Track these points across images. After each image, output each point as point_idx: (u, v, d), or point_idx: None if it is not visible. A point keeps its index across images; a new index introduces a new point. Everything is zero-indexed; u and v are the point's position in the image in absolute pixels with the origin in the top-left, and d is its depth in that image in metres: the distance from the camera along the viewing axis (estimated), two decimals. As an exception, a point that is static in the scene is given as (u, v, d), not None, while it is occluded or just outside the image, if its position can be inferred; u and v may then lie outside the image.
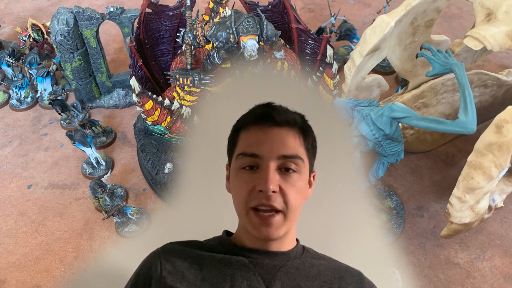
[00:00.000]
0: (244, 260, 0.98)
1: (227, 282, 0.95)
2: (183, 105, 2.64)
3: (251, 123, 1.01)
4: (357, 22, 4.32)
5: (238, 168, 0.99)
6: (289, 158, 0.97)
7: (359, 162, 2.33)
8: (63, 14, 3.10)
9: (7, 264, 2.53)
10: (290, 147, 0.97)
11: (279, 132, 0.98)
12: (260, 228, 0.95)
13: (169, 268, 0.97)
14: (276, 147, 0.97)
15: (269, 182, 0.93)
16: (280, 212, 0.95)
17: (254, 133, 0.99)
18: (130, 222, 2.67)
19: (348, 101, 2.33)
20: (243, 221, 1.00)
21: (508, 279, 2.42)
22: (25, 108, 3.53)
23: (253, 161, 0.97)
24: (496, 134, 1.93)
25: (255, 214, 0.95)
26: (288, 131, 0.99)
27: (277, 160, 0.96)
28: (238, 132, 1.03)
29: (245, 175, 0.98)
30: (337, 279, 1.00)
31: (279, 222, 0.95)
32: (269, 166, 0.95)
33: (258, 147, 0.97)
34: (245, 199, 0.96)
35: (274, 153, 0.96)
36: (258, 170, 0.97)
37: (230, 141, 1.06)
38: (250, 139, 0.99)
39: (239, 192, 0.98)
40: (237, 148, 1.01)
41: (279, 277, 0.97)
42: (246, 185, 0.97)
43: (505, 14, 2.16)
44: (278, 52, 2.68)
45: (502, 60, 3.86)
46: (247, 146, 0.99)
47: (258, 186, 0.94)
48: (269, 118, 0.99)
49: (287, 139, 0.98)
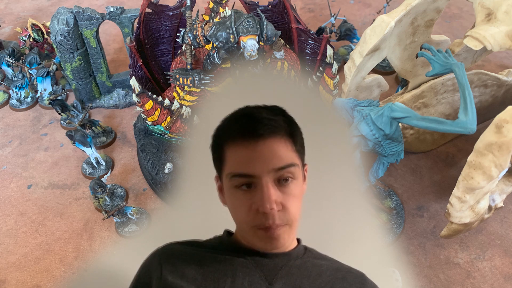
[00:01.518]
0: (246, 260, 0.98)
1: (228, 278, 0.94)
2: (183, 105, 2.64)
3: (235, 138, 0.93)
4: (357, 22, 4.32)
5: (233, 188, 0.95)
6: (285, 169, 0.92)
7: (359, 162, 2.32)
8: (63, 14, 3.10)
9: (7, 264, 2.53)
10: (282, 158, 0.92)
11: (268, 144, 0.92)
12: (266, 242, 0.94)
13: (170, 267, 0.97)
14: (268, 162, 0.91)
15: (267, 202, 0.90)
16: (284, 225, 0.94)
17: (241, 150, 0.92)
18: (130, 222, 2.67)
19: (348, 101, 2.32)
20: (246, 235, 0.98)
21: (508, 279, 2.42)
22: (25, 108, 3.53)
23: (247, 180, 0.92)
24: (496, 134, 1.93)
25: (259, 229, 0.93)
26: (277, 140, 0.92)
27: (272, 174, 0.91)
28: (222, 146, 0.97)
29: (241, 194, 0.93)
30: (339, 279, 1.00)
31: (284, 233, 0.94)
32: (265, 184, 0.91)
33: (250, 166, 0.91)
34: (247, 218, 0.93)
35: (267, 168, 0.91)
36: (255, 189, 0.92)
37: (215, 155, 1.00)
38: (239, 158, 0.92)
39: (238, 211, 0.96)
40: (225, 166, 0.96)
41: (281, 276, 0.97)
42: (243, 205, 0.93)
43: (505, 14, 2.16)
44: (278, 52, 2.68)
45: (502, 60, 3.86)
46: (237, 166, 0.93)
47: (256, 206, 0.91)
48: (254, 133, 0.91)
49: (278, 150, 0.92)
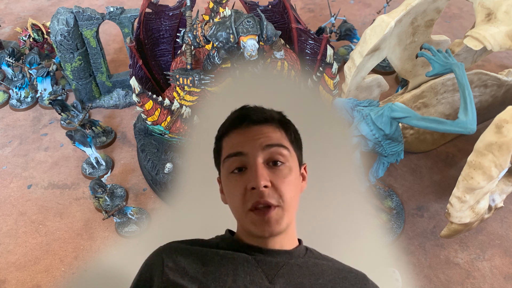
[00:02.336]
0: (247, 257, 0.98)
1: (229, 276, 0.94)
2: (183, 105, 2.64)
3: (231, 128, 1.03)
4: (357, 22, 4.32)
5: (227, 173, 1.01)
6: (274, 147, 0.98)
7: (359, 162, 2.33)
8: (63, 14, 3.10)
9: (7, 264, 2.53)
10: (272, 138, 0.99)
11: (258, 128, 1.00)
12: (262, 226, 0.95)
13: (171, 265, 0.97)
14: (258, 141, 0.98)
15: (259, 177, 0.94)
16: (276, 207, 0.95)
17: (235, 135, 1.01)
18: (130, 222, 2.67)
19: (348, 101, 2.32)
20: (243, 224, 1.00)
21: (508, 279, 2.42)
22: (25, 108, 3.53)
23: (239, 160, 0.98)
24: (496, 134, 1.93)
25: (254, 213, 0.95)
26: (268, 126, 1.01)
27: (262, 153, 0.97)
28: (220, 140, 1.05)
29: (235, 178, 0.99)
30: (340, 279, 1.00)
31: (278, 215, 0.95)
32: (256, 162, 0.96)
33: (241, 145, 0.99)
34: (241, 201, 0.97)
35: (257, 147, 0.97)
36: (247, 171, 0.97)
37: (215, 152, 1.08)
38: (232, 142, 1.01)
39: (233, 196, 0.99)
40: (222, 155, 1.03)
41: (282, 274, 0.97)
42: (238, 188, 0.97)
43: (505, 14, 2.16)
44: (278, 52, 2.68)
45: (502, 60, 3.86)
46: (231, 148, 1.00)
47: (250, 184, 0.95)
48: (245, 119, 1.01)
49: (268, 132, 1.00)
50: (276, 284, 0.95)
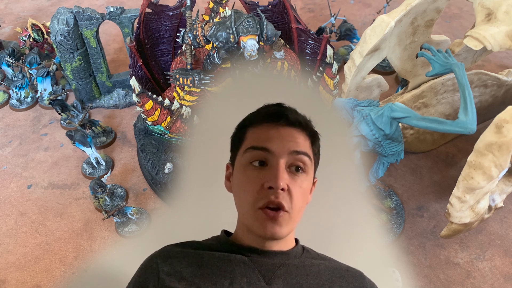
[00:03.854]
0: (244, 258, 0.97)
1: (226, 278, 0.94)
2: (183, 105, 2.64)
3: (262, 120, 1.00)
4: (357, 22, 4.32)
5: (246, 163, 0.98)
6: (300, 155, 0.97)
7: (359, 162, 2.32)
8: (63, 14, 3.10)
9: (7, 264, 2.53)
10: (300, 145, 0.98)
11: (291, 130, 0.99)
12: (266, 226, 0.94)
13: (167, 270, 0.96)
14: (287, 143, 0.96)
15: (280, 178, 0.93)
16: (285, 212, 0.94)
17: (265, 129, 0.99)
18: (130, 222, 2.67)
19: (348, 101, 2.32)
20: (247, 219, 0.98)
21: (508, 279, 2.42)
22: (25, 108, 3.53)
23: (263, 155, 0.96)
24: (496, 134, 1.92)
25: (263, 211, 0.94)
26: (299, 131, 1.00)
27: (287, 156, 0.96)
28: (245, 128, 1.02)
29: (253, 171, 0.97)
30: (337, 278, 1.00)
31: (284, 220, 0.94)
32: (280, 163, 0.95)
33: (270, 142, 0.96)
34: (253, 197, 0.95)
35: (285, 149, 0.96)
36: (267, 167, 0.96)
37: (235, 138, 1.05)
38: (261, 134, 0.98)
39: (246, 189, 0.97)
40: (244, 143, 1.00)
41: (279, 275, 0.96)
42: (254, 182, 0.95)
43: (505, 14, 2.16)
44: (278, 52, 2.68)
45: (502, 60, 3.86)
46: (257, 140, 0.98)
47: (268, 183, 0.93)
48: (282, 117, 0.99)
49: (297, 137, 0.98)
50: (273, 285, 0.95)
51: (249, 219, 0.97)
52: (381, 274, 1.61)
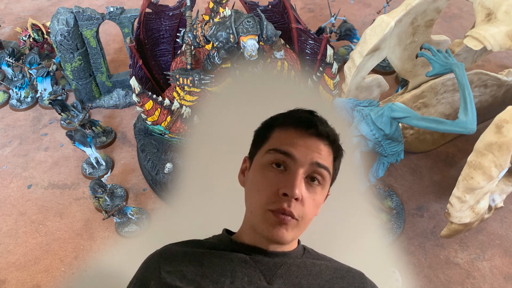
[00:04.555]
0: (245, 257, 0.97)
1: (227, 277, 0.94)
2: (183, 105, 2.64)
3: (291, 125, 0.99)
4: (357, 22, 4.32)
5: (265, 163, 0.97)
6: (321, 168, 0.96)
7: (359, 162, 2.32)
8: (63, 14, 3.10)
9: (7, 264, 2.53)
10: (324, 158, 0.97)
11: (318, 142, 0.97)
12: (275, 228, 0.93)
13: (168, 268, 0.96)
14: (311, 154, 0.95)
15: (296, 188, 0.92)
16: (295, 219, 0.94)
17: (292, 134, 0.97)
18: (130, 222, 2.67)
19: (348, 101, 2.32)
20: (255, 218, 0.98)
21: (508, 279, 2.42)
22: (25, 108, 3.53)
23: (284, 159, 0.95)
24: (496, 134, 1.92)
25: (273, 214, 0.94)
26: (326, 145, 0.98)
27: (308, 166, 0.95)
28: (272, 128, 1.01)
29: (271, 173, 0.96)
30: (338, 278, 1.00)
31: (292, 227, 0.94)
32: (299, 171, 0.94)
33: (294, 148, 0.95)
34: (266, 199, 0.94)
35: (308, 158, 0.95)
36: (286, 173, 0.95)
37: (259, 135, 1.04)
38: (287, 138, 0.97)
39: (260, 191, 0.96)
40: (268, 143, 0.99)
41: (280, 274, 0.96)
42: (270, 185, 0.95)
43: (505, 14, 2.16)
44: (278, 52, 2.68)
45: (502, 60, 3.86)
46: (282, 143, 0.97)
47: (283, 189, 0.93)
48: (312, 126, 0.98)
49: (322, 150, 0.97)
50: (274, 284, 0.95)
51: (257, 218, 0.97)
52: (381, 274, 1.61)
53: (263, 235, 0.96)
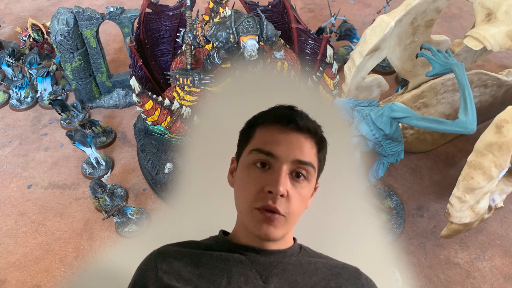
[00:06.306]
0: (241, 257, 0.98)
1: (223, 278, 0.95)
2: (183, 105, 2.64)
3: (271, 122, 1.00)
4: (357, 22, 4.32)
5: (248, 163, 0.99)
6: (303, 164, 0.97)
7: (359, 162, 2.33)
8: (63, 14, 3.10)
9: (7, 264, 2.53)
10: (306, 154, 0.97)
11: (299, 137, 0.98)
12: (262, 225, 0.94)
13: (165, 268, 0.97)
14: (293, 151, 0.96)
15: (280, 185, 0.93)
16: (282, 216, 0.95)
17: (273, 131, 0.98)
18: (130, 222, 2.67)
19: (348, 101, 2.33)
20: (244, 218, 0.99)
21: (508, 279, 2.42)
22: (25, 108, 3.53)
23: (266, 159, 0.96)
24: (496, 134, 1.93)
25: (259, 211, 0.95)
26: (307, 138, 0.99)
27: (291, 164, 0.96)
28: (254, 127, 1.02)
29: (255, 173, 0.97)
30: (334, 275, 1.01)
31: (279, 223, 0.95)
32: (283, 169, 0.95)
33: (275, 147, 0.96)
34: (252, 198, 0.95)
35: (290, 156, 0.96)
36: (270, 171, 0.96)
37: (243, 135, 1.05)
38: (268, 137, 0.98)
39: (246, 190, 0.97)
40: (251, 143, 1.01)
41: (276, 273, 0.97)
42: (255, 184, 0.96)
43: (505, 14, 2.16)
44: (278, 52, 2.68)
45: (502, 60, 3.86)
46: (264, 143, 0.98)
47: (268, 187, 0.94)
48: (291, 121, 0.98)
49: (304, 146, 0.98)
50: (270, 283, 0.96)
51: (245, 217, 0.98)
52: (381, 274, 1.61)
53: (253, 233, 0.97)
